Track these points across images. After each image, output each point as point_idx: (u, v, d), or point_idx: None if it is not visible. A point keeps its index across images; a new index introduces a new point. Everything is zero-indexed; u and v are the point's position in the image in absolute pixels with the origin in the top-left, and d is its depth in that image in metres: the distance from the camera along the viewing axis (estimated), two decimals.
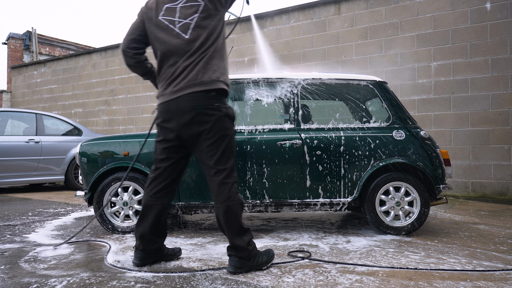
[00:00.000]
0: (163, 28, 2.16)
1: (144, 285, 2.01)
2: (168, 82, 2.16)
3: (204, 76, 2.10)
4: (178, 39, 2.13)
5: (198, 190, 3.13)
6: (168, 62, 2.17)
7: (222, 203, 2.13)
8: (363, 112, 3.48)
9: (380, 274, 2.20)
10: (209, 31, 2.14)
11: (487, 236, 3.18)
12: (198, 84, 2.08)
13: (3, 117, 6.15)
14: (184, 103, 2.09)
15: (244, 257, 2.17)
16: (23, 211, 4.36)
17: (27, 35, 12.62)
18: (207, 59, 2.12)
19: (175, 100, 2.11)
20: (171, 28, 2.15)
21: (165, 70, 2.19)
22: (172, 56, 2.15)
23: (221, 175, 2.14)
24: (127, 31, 2.27)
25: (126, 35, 2.25)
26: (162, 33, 2.16)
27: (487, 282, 2.07)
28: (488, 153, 5.47)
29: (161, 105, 2.20)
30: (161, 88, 2.22)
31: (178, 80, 2.12)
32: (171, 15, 2.16)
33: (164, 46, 2.15)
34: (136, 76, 9.01)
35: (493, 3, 5.46)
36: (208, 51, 2.13)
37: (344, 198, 3.16)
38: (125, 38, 2.25)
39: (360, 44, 6.39)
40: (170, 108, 2.13)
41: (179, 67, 2.12)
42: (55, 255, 2.59)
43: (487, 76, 5.48)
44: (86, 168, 3.23)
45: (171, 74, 2.15)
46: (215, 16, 2.17)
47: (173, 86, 2.13)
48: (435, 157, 3.20)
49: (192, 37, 2.11)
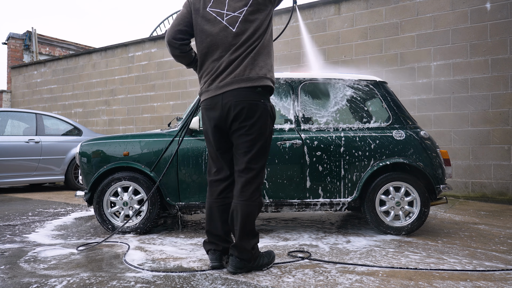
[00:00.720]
0: (210, 20, 2.13)
1: (144, 285, 2.01)
2: (213, 77, 2.12)
3: (252, 72, 2.07)
4: (225, 32, 2.09)
5: (198, 190, 3.13)
6: (213, 56, 2.13)
7: (242, 201, 2.12)
8: (363, 112, 3.48)
9: (380, 274, 2.20)
10: (256, 26, 2.11)
11: (487, 236, 3.18)
12: (245, 80, 2.06)
13: (3, 117, 6.15)
14: (230, 98, 2.06)
15: (245, 258, 2.17)
16: (23, 211, 4.36)
17: (27, 35, 12.62)
18: (254, 54, 2.09)
19: (221, 95, 2.08)
20: (218, 20, 2.11)
21: (209, 64, 2.15)
22: (217, 50, 2.11)
23: (250, 174, 2.14)
24: (173, 22, 2.21)
25: (172, 25, 2.19)
26: (208, 25, 2.12)
27: (487, 282, 2.07)
28: (488, 153, 5.47)
29: (205, 102, 2.17)
30: (204, 84, 2.18)
31: (223, 75, 2.09)
32: (220, 8, 2.13)
33: (210, 39, 2.12)
34: (136, 76, 9.02)
35: (493, 3, 5.46)
36: (255, 45, 2.10)
37: (344, 198, 3.16)
38: (170, 28, 2.19)
39: (360, 44, 6.39)
40: (217, 104, 2.10)
41: (224, 61, 2.09)
42: (55, 255, 2.59)
43: (487, 76, 5.48)
44: (86, 168, 3.23)
45: (216, 69, 2.11)
46: (263, 11, 2.14)
47: (218, 81, 2.10)
48: (435, 157, 3.20)
49: (239, 30, 2.08)
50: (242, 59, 2.08)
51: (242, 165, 2.15)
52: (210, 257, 2.28)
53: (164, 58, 8.63)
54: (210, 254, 2.29)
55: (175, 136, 3.16)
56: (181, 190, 3.13)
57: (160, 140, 3.19)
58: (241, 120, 2.08)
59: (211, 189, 2.28)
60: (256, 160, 2.15)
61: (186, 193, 3.13)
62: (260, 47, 2.12)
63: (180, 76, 8.38)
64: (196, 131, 3.18)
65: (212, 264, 2.26)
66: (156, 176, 3.13)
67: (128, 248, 2.70)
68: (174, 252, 2.66)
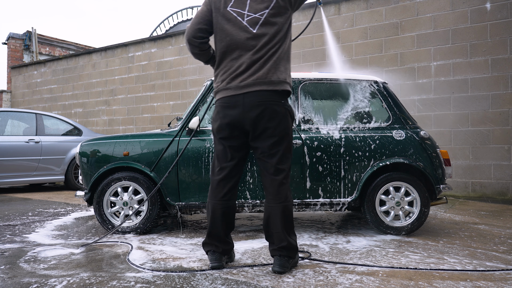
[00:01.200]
0: (230, 19, 2.14)
1: (144, 285, 2.01)
2: (232, 76, 2.13)
3: (273, 76, 2.11)
4: (245, 33, 2.11)
5: (198, 190, 3.13)
6: (232, 55, 2.15)
7: (280, 203, 2.15)
8: (363, 112, 3.48)
9: (380, 274, 2.20)
10: (277, 29, 2.13)
11: (487, 236, 3.18)
12: (267, 83, 2.09)
13: (3, 117, 6.15)
14: (253, 98, 2.09)
15: (293, 256, 2.21)
16: (23, 211, 4.36)
17: (27, 35, 12.62)
18: (276, 58, 2.12)
19: (242, 95, 2.10)
20: (239, 20, 2.13)
21: (228, 63, 2.16)
22: (236, 50, 2.13)
23: (281, 175, 2.17)
24: (193, 20, 2.21)
25: (192, 24, 2.20)
26: (228, 25, 2.14)
27: (487, 282, 2.07)
28: (488, 153, 5.47)
29: (223, 100, 2.16)
30: (222, 82, 2.17)
31: (244, 75, 2.10)
32: (241, 8, 2.14)
33: (230, 38, 2.13)
34: (136, 76, 9.01)
35: (493, 3, 5.46)
36: (276, 49, 2.13)
37: (344, 198, 3.16)
38: (191, 27, 2.20)
39: (360, 44, 6.39)
40: (237, 103, 2.11)
41: (245, 62, 2.10)
42: (55, 255, 2.59)
43: (487, 76, 5.48)
44: (86, 168, 3.23)
45: (236, 69, 2.13)
46: (283, 14, 2.16)
47: (239, 81, 2.11)
48: (435, 157, 3.20)
49: (260, 32, 2.11)
50: (264, 62, 2.10)
51: (271, 168, 2.17)
52: (210, 258, 2.29)
53: (164, 58, 8.64)
54: (210, 255, 2.30)
55: (175, 136, 3.16)
56: (181, 190, 3.13)
57: (160, 140, 3.19)
58: (264, 122, 2.11)
59: (215, 189, 2.25)
60: (284, 161, 2.18)
61: (186, 193, 3.13)
62: (281, 52, 2.16)
63: (180, 76, 8.38)
64: (196, 131, 3.18)
65: (212, 264, 2.27)
66: (156, 176, 3.13)
67: (131, 248, 2.70)
68: (174, 252, 2.66)
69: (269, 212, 2.18)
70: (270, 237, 2.22)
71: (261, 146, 2.16)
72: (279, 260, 2.18)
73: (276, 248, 2.19)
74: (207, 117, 3.28)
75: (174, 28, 12.85)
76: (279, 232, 2.16)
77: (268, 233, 2.23)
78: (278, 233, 2.17)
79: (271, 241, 2.22)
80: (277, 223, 2.16)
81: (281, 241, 2.17)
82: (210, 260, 2.28)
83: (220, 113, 2.18)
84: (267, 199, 2.20)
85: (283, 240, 2.16)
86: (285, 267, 2.18)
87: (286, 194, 2.18)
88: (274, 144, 2.14)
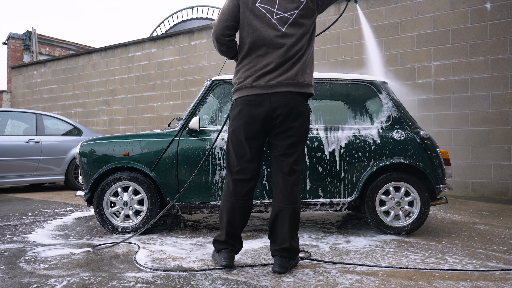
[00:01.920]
0: (259, 15, 2.11)
1: (144, 285, 2.01)
2: (259, 74, 2.10)
3: (301, 78, 2.12)
4: (274, 30, 2.09)
5: (198, 190, 3.13)
6: (257, 52, 2.12)
7: (291, 204, 2.16)
8: (363, 112, 3.48)
9: (380, 274, 2.20)
10: (304, 30, 2.13)
11: (487, 236, 3.18)
12: (295, 84, 2.10)
13: (3, 117, 6.15)
14: (280, 97, 2.09)
15: (294, 258, 2.22)
16: (23, 211, 4.36)
17: (27, 35, 12.62)
18: (304, 60, 2.13)
19: (270, 94, 2.08)
20: (268, 17, 2.10)
21: (254, 59, 2.13)
22: (263, 46, 2.10)
23: (295, 176, 2.18)
24: (221, 17, 2.15)
25: (220, 21, 2.14)
26: (257, 21, 2.10)
27: (487, 282, 2.07)
28: (488, 153, 5.47)
29: (249, 97, 2.12)
30: (246, 79, 2.13)
31: (272, 75, 2.09)
32: (270, 5, 2.11)
33: (257, 34, 2.10)
34: (136, 76, 9.01)
35: (493, 3, 5.46)
36: (303, 51, 2.13)
37: (344, 198, 3.16)
38: (219, 24, 2.14)
39: (360, 44, 6.39)
40: (264, 102, 2.09)
41: (273, 61, 2.09)
42: (55, 255, 2.59)
43: (487, 76, 5.48)
44: (86, 168, 3.23)
45: (263, 67, 2.10)
46: (311, 16, 2.16)
47: (266, 80, 2.09)
48: (435, 157, 3.20)
49: (289, 32, 2.09)
50: (293, 63, 2.10)
51: (287, 168, 2.17)
52: (224, 256, 2.22)
53: (164, 58, 8.64)
54: (223, 253, 2.24)
55: (175, 136, 3.16)
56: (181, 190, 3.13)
57: (160, 140, 3.19)
58: (289, 120, 2.11)
59: (236, 188, 2.21)
60: (299, 162, 2.20)
61: (186, 193, 3.13)
62: (308, 54, 2.16)
63: (180, 76, 8.38)
64: (196, 131, 3.18)
65: (226, 263, 2.21)
66: (156, 176, 3.13)
67: (138, 248, 2.70)
68: (174, 252, 2.66)
69: (277, 211, 2.18)
70: (273, 236, 2.22)
71: (281, 144, 2.16)
72: (280, 261, 2.18)
73: (278, 248, 2.19)
74: (207, 118, 3.28)
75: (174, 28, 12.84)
76: (284, 233, 2.16)
77: (272, 232, 2.23)
78: (283, 234, 2.17)
79: (274, 240, 2.22)
80: (284, 224, 2.16)
81: (284, 242, 2.17)
82: (223, 259, 2.22)
83: (244, 111, 2.13)
84: (277, 199, 2.19)
85: (286, 241, 2.16)
86: (285, 268, 2.18)
87: (297, 195, 2.19)
88: (293, 144, 2.15)
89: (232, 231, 2.23)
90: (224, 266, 2.24)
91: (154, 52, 8.80)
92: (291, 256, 2.20)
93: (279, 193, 2.18)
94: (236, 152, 2.21)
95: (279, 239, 2.18)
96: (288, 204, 2.16)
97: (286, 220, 2.15)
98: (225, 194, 2.25)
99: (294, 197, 2.17)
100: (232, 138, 2.22)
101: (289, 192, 2.17)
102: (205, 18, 12.48)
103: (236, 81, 2.19)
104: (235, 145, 2.20)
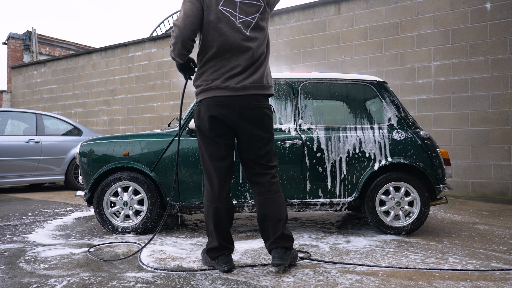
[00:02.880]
0: (223, 19, 2.11)
1: (144, 285, 2.01)
2: (227, 76, 2.12)
3: (266, 80, 2.20)
4: (239, 34, 2.12)
5: (198, 190, 3.13)
6: (224, 55, 2.13)
7: (276, 193, 2.25)
8: (363, 112, 3.48)
9: (380, 274, 2.20)
10: (264, 33, 2.20)
11: (487, 236, 3.18)
12: (261, 87, 2.17)
13: (3, 117, 6.15)
14: (248, 101, 2.14)
15: (290, 248, 2.23)
16: (23, 211, 4.36)
17: (27, 35, 12.62)
18: (266, 63, 2.21)
19: (239, 97, 2.12)
20: (232, 21, 2.12)
21: (220, 61, 2.13)
22: (230, 50, 2.12)
23: (273, 169, 2.29)
24: (186, 19, 2.08)
25: (186, 23, 2.07)
26: (222, 24, 2.11)
27: (487, 282, 2.07)
28: (488, 153, 5.47)
29: (217, 98, 2.12)
30: (214, 81, 2.13)
31: (240, 77, 2.12)
32: (232, 8, 2.12)
33: (224, 38, 2.10)
34: (136, 76, 9.01)
35: (493, 3, 5.46)
36: (265, 54, 2.21)
37: (344, 198, 3.16)
38: (185, 27, 2.07)
39: (360, 44, 6.40)
40: (232, 103, 2.12)
41: (240, 64, 2.12)
42: (55, 255, 2.59)
43: (487, 76, 5.48)
44: (86, 168, 3.23)
45: (230, 69, 2.12)
46: (267, 19, 2.24)
47: (235, 82, 2.12)
48: (435, 157, 3.20)
49: (252, 35, 2.14)
50: (258, 66, 2.17)
51: (264, 166, 2.26)
52: (223, 261, 2.21)
53: (164, 58, 8.64)
54: (222, 259, 2.22)
55: (175, 136, 3.16)
56: (181, 190, 3.13)
57: (160, 140, 3.19)
58: (259, 123, 2.19)
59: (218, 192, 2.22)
60: (273, 159, 2.30)
61: (186, 193, 3.14)
62: (268, 56, 2.25)
63: (180, 76, 8.38)
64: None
65: (228, 267, 2.20)
66: (156, 176, 3.13)
67: (141, 247, 2.70)
68: (174, 252, 2.66)
69: (264, 203, 2.22)
70: (265, 232, 2.24)
71: (254, 147, 2.22)
72: (277, 253, 2.17)
73: (273, 240, 2.20)
74: None
75: None
76: (275, 222, 2.20)
77: (263, 227, 2.25)
78: (275, 224, 2.20)
79: (267, 236, 2.24)
80: (274, 212, 2.20)
81: (277, 231, 2.20)
82: (224, 264, 2.20)
83: (212, 111, 2.13)
84: (260, 193, 2.24)
85: (278, 230, 2.20)
86: (284, 259, 2.16)
87: (278, 187, 2.27)
88: (265, 144, 2.24)
89: (224, 235, 2.23)
90: (227, 271, 2.22)
91: (154, 52, 8.80)
92: (286, 244, 2.20)
93: (261, 188, 2.25)
94: (209, 154, 2.21)
95: (271, 231, 2.21)
96: (274, 194, 2.23)
97: (276, 207, 2.22)
98: (207, 199, 2.24)
99: (277, 187, 2.25)
100: (204, 140, 2.22)
101: (270, 184, 2.24)
102: None
103: (202, 83, 2.18)
104: (208, 146, 2.21)
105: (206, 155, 2.22)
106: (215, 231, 2.22)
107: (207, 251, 2.28)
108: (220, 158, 2.21)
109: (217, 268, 2.24)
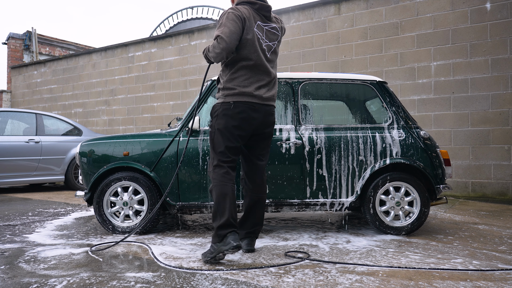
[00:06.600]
0: (256, 40, 2.51)
1: (144, 285, 2.01)
2: (257, 86, 2.52)
3: (275, 96, 2.67)
4: (264, 54, 2.55)
5: (198, 190, 3.13)
6: (254, 69, 2.52)
7: (264, 194, 2.68)
8: (363, 112, 3.48)
9: (380, 274, 2.20)
10: (277, 58, 2.68)
11: (487, 236, 3.18)
12: (274, 100, 2.65)
13: (3, 117, 6.15)
14: (269, 109, 2.60)
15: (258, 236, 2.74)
16: (23, 211, 4.36)
17: (27, 35, 12.62)
18: (276, 82, 2.68)
19: (264, 105, 2.56)
20: (261, 42, 2.55)
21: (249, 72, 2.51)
22: (259, 66, 2.53)
23: (265, 171, 2.72)
24: (231, 35, 2.40)
25: (232, 39, 2.40)
26: (256, 43, 2.51)
27: (487, 282, 2.08)
28: (488, 153, 5.47)
29: (250, 104, 2.50)
30: (247, 88, 2.49)
31: (265, 89, 2.55)
32: (261, 32, 2.55)
33: (257, 55, 2.50)
34: (136, 76, 9.01)
35: (493, 3, 5.46)
36: (276, 74, 2.66)
37: (344, 198, 3.16)
38: (231, 42, 2.40)
39: (360, 44, 6.40)
40: (260, 110, 2.54)
41: (265, 79, 2.55)
42: (55, 255, 2.59)
43: (487, 76, 5.48)
44: (86, 168, 3.23)
45: (258, 81, 2.53)
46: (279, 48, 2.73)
47: (262, 92, 2.53)
48: (435, 157, 3.20)
49: (271, 58, 2.61)
50: (274, 84, 2.63)
51: (263, 165, 2.68)
52: (232, 238, 2.32)
53: (164, 58, 8.64)
54: (231, 235, 2.34)
55: (175, 136, 3.16)
56: (181, 190, 3.13)
57: (160, 140, 3.19)
58: (270, 127, 2.64)
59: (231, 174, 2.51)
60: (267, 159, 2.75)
61: (186, 193, 3.13)
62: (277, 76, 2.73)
63: (180, 76, 8.38)
64: (197, 131, 3.18)
65: (236, 243, 2.31)
66: (156, 176, 3.13)
67: (150, 249, 2.70)
68: (174, 252, 2.66)
69: (256, 200, 2.65)
70: (245, 221, 2.67)
71: (261, 146, 2.66)
72: (251, 241, 2.65)
73: (252, 230, 2.65)
74: (207, 118, 3.28)
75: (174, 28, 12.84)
76: (258, 217, 2.65)
77: (246, 217, 2.67)
78: (257, 218, 2.65)
79: (244, 226, 2.66)
80: (260, 210, 2.66)
81: (257, 225, 2.66)
82: (233, 241, 2.31)
83: (245, 113, 2.49)
84: (255, 190, 2.65)
85: (259, 223, 2.67)
86: (253, 245, 2.66)
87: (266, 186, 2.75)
88: (268, 144, 2.70)
89: (233, 214, 2.42)
90: (235, 247, 2.30)
91: (154, 52, 8.80)
92: (258, 235, 2.70)
93: (256, 185, 2.65)
94: (228, 147, 2.51)
95: (250, 223, 2.65)
96: (263, 194, 2.67)
97: (261, 208, 2.66)
98: (222, 181, 2.46)
99: (266, 189, 2.70)
100: (225, 135, 2.50)
101: (264, 183, 2.67)
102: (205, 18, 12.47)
103: (235, 87, 2.50)
104: (227, 141, 2.50)
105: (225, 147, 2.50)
106: (228, 207, 2.40)
107: (218, 227, 2.38)
108: (236, 153, 2.55)
109: (223, 250, 2.32)
